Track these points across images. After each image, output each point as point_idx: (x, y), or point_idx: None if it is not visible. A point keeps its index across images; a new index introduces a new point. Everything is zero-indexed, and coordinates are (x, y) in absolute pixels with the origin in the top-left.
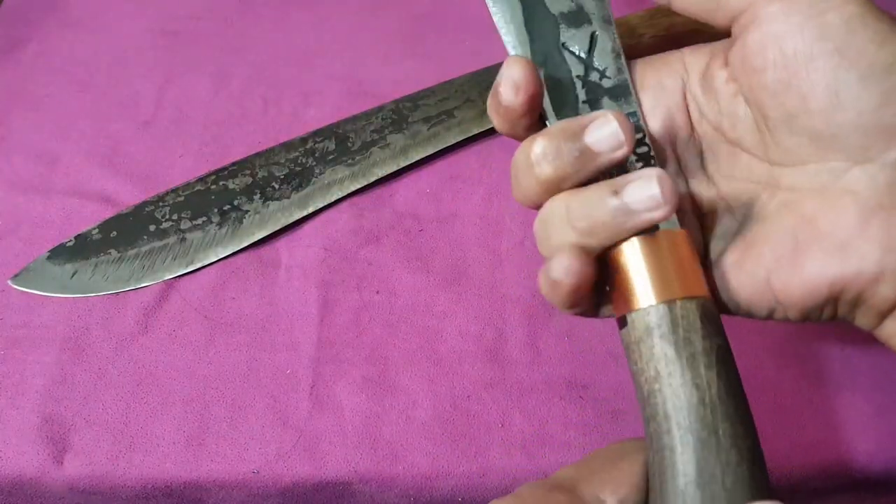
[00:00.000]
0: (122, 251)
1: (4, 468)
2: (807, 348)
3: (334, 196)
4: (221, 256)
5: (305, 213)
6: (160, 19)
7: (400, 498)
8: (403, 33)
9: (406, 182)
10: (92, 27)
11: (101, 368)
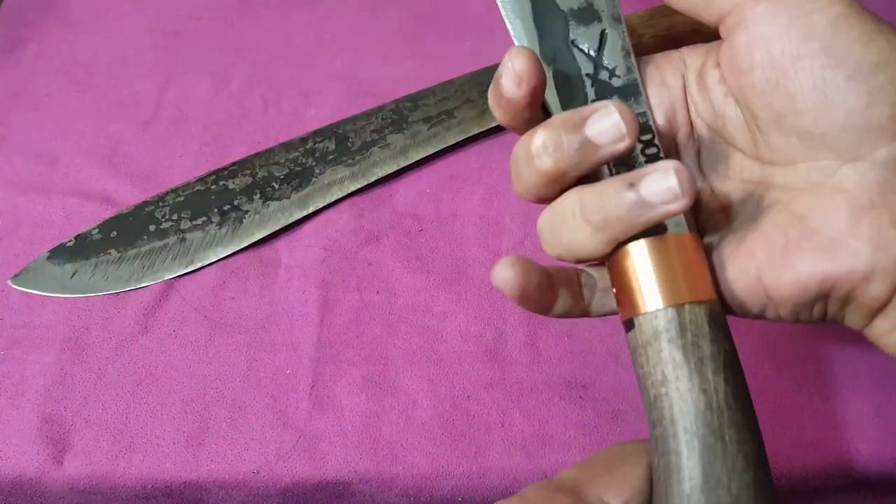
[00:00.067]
0: (122, 251)
1: (4, 468)
2: (807, 348)
3: (334, 196)
4: (221, 256)
5: (305, 213)
6: (160, 19)
7: (400, 498)
8: (403, 33)
9: (406, 182)
10: (92, 27)
11: (101, 368)
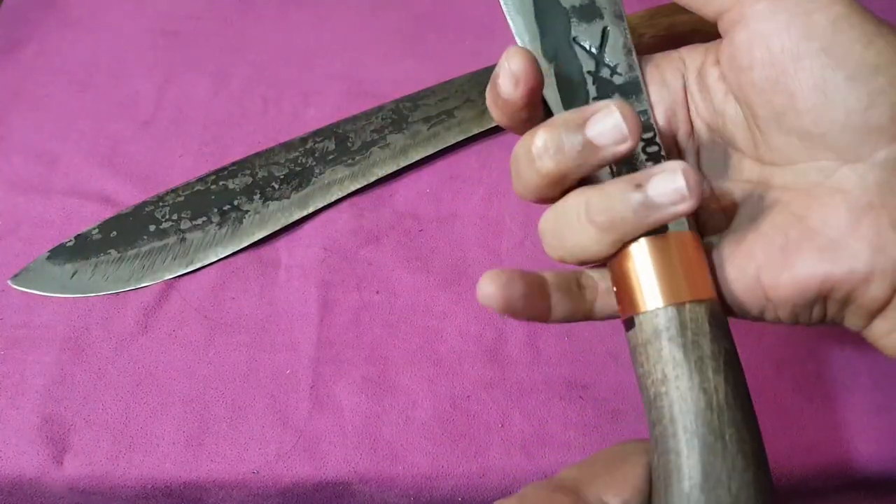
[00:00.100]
0: (122, 251)
1: (4, 468)
2: (806, 349)
3: (334, 196)
4: (221, 256)
5: (305, 213)
6: (160, 19)
7: (400, 498)
8: (403, 33)
9: (406, 182)
10: (92, 27)
11: (101, 368)
